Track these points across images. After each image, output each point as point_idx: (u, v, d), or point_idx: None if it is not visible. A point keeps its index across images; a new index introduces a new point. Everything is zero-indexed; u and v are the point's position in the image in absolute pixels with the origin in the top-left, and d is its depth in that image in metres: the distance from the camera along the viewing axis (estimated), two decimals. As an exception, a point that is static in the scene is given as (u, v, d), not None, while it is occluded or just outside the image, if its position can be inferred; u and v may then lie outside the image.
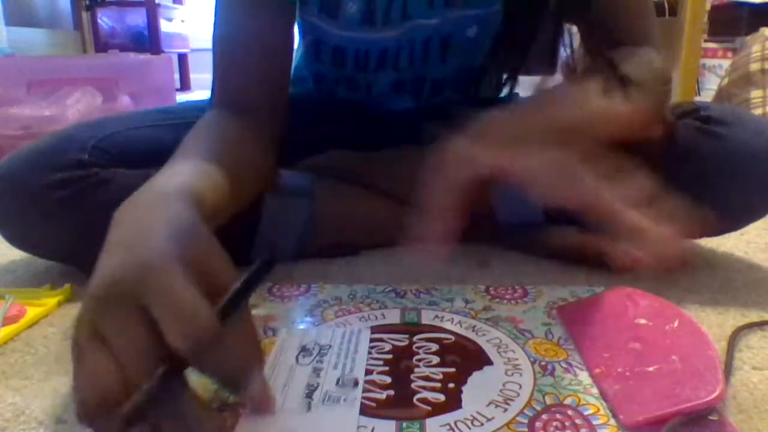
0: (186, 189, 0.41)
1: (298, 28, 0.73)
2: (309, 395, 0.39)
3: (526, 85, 0.74)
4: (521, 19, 0.63)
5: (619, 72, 0.56)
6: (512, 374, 0.43)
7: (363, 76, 0.73)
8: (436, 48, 0.70)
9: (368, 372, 0.43)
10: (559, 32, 0.61)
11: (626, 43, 0.60)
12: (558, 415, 0.38)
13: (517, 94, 0.85)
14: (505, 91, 0.86)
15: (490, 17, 0.68)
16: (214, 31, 0.63)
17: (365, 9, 0.66)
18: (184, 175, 0.44)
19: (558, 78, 0.70)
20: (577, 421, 0.38)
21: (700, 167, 0.60)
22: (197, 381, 0.33)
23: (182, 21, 3.73)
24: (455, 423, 0.37)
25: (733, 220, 0.65)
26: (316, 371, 0.42)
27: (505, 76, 0.87)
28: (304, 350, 0.45)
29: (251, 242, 0.65)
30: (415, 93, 0.75)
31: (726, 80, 1.72)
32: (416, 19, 0.67)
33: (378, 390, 0.41)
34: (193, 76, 3.70)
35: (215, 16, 0.63)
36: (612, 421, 0.38)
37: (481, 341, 0.48)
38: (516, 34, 0.64)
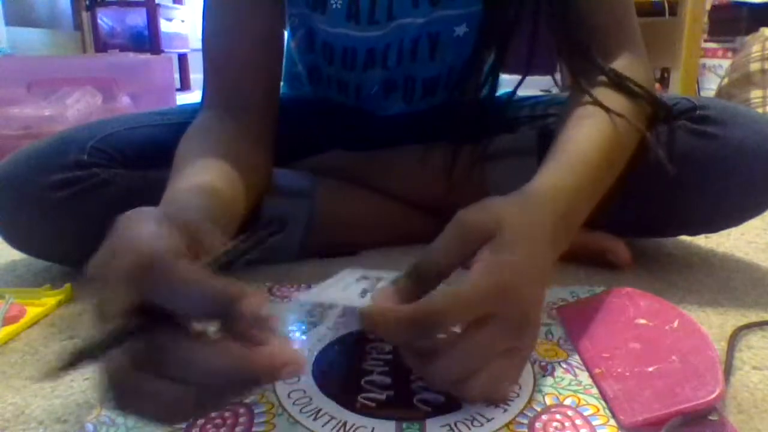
0: (200, 189, 0.42)
1: (289, 25, 0.73)
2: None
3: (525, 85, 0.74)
4: (499, 15, 0.63)
5: (613, 76, 0.57)
6: (512, 374, 0.43)
7: (352, 75, 0.72)
8: (424, 46, 0.69)
9: (368, 372, 0.43)
10: (537, 29, 0.61)
11: (611, 44, 0.60)
12: (558, 416, 0.38)
13: (513, 93, 0.85)
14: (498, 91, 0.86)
15: (479, 16, 0.68)
16: (203, 30, 0.62)
17: (350, 5, 0.66)
18: (198, 181, 0.45)
19: (557, 78, 0.70)
20: (577, 422, 0.38)
21: (696, 168, 0.60)
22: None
23: (182, 21, 3.73)
24: (455, 423, 0.37)
25: (730, 218, 0.65)
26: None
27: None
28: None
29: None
30: (406, 94, 0.75)
31: (726, 80, 1.72)
32: (401, 19, 0.67)
33: (378, 390, 0.41)
34: (193, 76, 3.71)
35: (203, 15, 0.62)
36: (612, 422, 0.37)
37: (481, 341, 0.48)
38: (495, 31, 0.63)
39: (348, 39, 0.69)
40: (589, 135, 0.51)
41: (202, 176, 0.47)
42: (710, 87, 2.16)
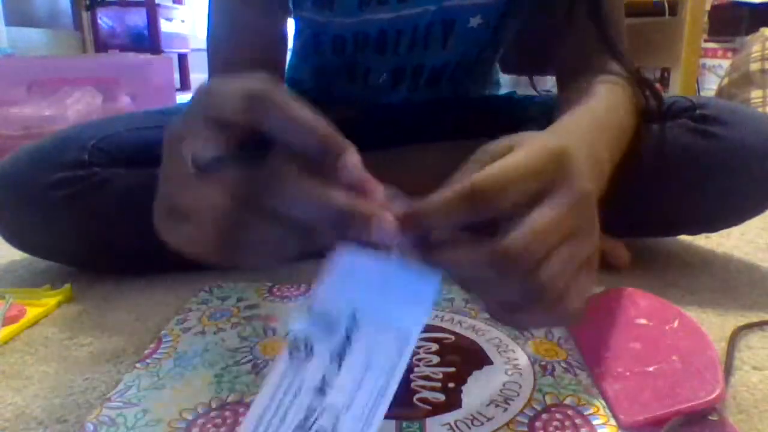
0: None
1: (294, 26, 0.73)
2: None
3: (523, 84, 0.75)
4: (524, 13, 0.62)
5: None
6: (512, 374, 0.43)
7: (363, 57, 0.72)
8: (438, 34, 0.69)
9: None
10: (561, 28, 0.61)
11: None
12: (558, 415, 0.38)
13: (514, 92, 0.85)
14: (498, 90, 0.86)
15: (494, 8, 0.68)
16: (207, 30, 0.63)
17: None
18: None
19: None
20: (577, 421, 0.38)
21: (697, 167, 0.60)
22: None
23: (182, 21, 3.73)
24: (455, 423, 0.37)
25: (731, 217, 0.65)
26: None
27: (501, 74, 0.87)
28: None
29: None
30: (413, 82, 0.75)
31: (726, 80, 1.72)
32: (412, 4, 0.66)
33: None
34: (193, 76, 3.71)
35: (208, 15, 0.63)
36: (612, 421, 0.38)
37: (481, 341, 0.48)
38: (516, 28, 0.63)
39: (359, 25, 0.68)
40: (600, 94, 0.52)
41: None
42: (710, 87, 2.16)
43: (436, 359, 0.45)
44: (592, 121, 0.46)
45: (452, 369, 0.44)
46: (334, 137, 0.28)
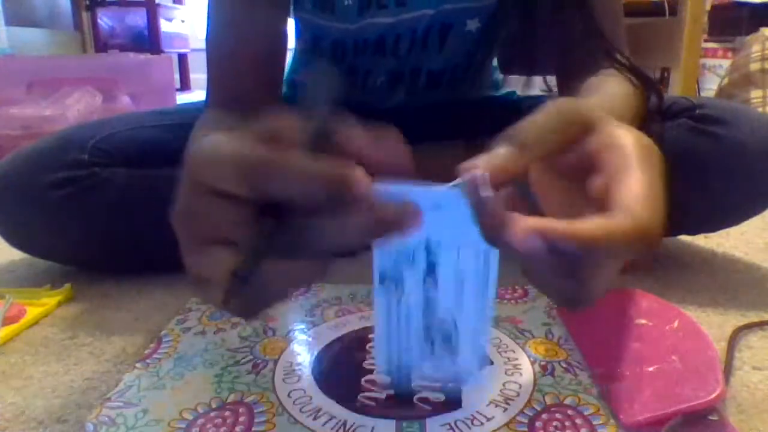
0: None
1: (295, 27, 0.73)
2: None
3: (519, 84, 0.75)
4: (514, 13, 0.62)
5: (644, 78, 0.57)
6: (512, 374, 0.43)
7: (362, 61, 0.72)
8: (435, 37, 0.69)
9: (368, 371, 0.43)
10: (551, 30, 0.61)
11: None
12: (558, 415, 0.38)
13: (514, 92, 0.85)
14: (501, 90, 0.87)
15: (492, 11, 0.68)
16: (207, 31, 0.63)
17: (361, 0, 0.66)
18: None
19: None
20: (577, 421, 0.38)
21: (696, 167, 0.60)
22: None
23: (182, 21, 3.73)
24: (455, 423, 0.37)
25: (730, 217, 0.65)
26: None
27: (500, 74, 0.87)
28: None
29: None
30: (411, 86, 0.75)
31: (726, 80, 1.72)
32: (411, 8, 0.66)
33: (378, 389, 0.41)
34: (193, 76, 3.71)
35: (208, 16, 0.63)
36: (612, 421, 0.38)
37: (481, 341, 0.48)
38: (508, 29, 0.63)
39: (359, 31, 0.68)
40: (613, 87, 0.52)
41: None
42: (710, 87, 2.16)
43: (436, 359, 0.45)
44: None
45: (452, 369, 0.44)
46: (338, 175, 0.27)
